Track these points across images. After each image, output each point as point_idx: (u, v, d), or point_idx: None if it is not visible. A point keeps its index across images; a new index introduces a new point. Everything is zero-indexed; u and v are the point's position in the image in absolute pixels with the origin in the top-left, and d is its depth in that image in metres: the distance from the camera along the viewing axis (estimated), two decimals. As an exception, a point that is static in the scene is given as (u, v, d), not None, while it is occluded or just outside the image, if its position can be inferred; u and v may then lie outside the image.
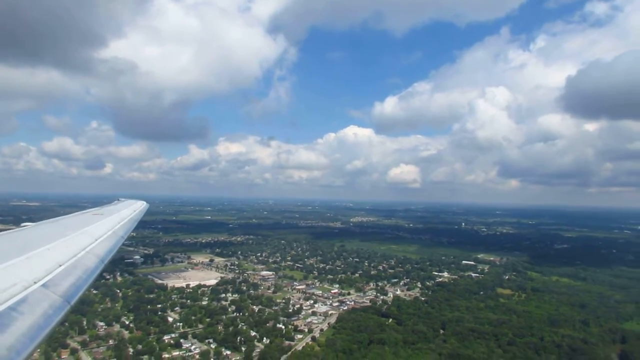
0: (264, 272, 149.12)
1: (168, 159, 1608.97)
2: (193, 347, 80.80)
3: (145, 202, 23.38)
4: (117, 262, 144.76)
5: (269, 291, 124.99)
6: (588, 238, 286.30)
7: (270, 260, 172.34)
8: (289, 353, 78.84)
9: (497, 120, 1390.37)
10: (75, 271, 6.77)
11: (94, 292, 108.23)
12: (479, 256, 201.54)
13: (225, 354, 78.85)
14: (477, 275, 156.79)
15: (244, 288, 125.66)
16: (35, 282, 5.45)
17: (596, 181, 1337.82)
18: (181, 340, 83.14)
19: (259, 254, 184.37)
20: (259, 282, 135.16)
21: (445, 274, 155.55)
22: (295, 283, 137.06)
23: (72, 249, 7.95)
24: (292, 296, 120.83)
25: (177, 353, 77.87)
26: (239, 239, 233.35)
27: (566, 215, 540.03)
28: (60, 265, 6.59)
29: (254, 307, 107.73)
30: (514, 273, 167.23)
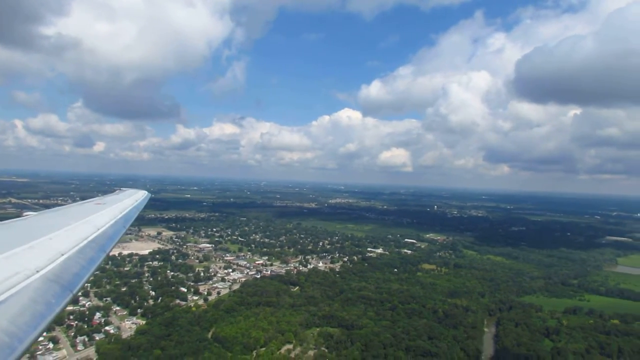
0: (202, 245, 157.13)
1: (153, 139, 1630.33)
2: (87, 303, 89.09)
3: (146, 192, 23.34)
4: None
5: (197, 261, 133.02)
6: (552, 222, 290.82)
7: (217, 235, 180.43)
8: (172, 309, 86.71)
9: (472, 105, 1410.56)
10: (77, 260, 6.78)
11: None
12: (427, 235, 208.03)
13: (114, 309, 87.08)
14: (410, 251, 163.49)
15: (173, 258, 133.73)
16: (37, 271, 5.49)
17: (583, 168, 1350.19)
18: (80, 297, 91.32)
19: (211, 229, 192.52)
20: (192, 253, 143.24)
21: (379, 250, 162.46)
22: (227, 254, 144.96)
23: (74, 238, 7.95)
24: (215, 265, 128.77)
25: (70, 308, 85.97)
26: (202, 215, 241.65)
27: (550, 201, 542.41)
28: (63, 255, 6.61)
29: (170, 272, 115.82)
30: (450, 251, 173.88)
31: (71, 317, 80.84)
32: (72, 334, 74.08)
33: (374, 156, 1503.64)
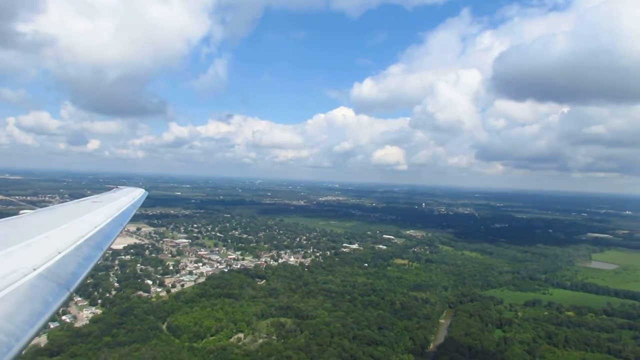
0: (179, 240, 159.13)
1: (148, 137, 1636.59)
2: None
3: (144, 190, 23.07)
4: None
5: (169, 255, 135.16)
6: (536, 219, 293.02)
7: (196, 231, 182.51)
8: (131, 300, 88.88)
9: (460, 103, 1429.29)
10: (74, 259, 6.81)
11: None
12: (407, 232, 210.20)
13: (75, 300, 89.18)
14: (385, 247, 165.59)
15: (147, 252, 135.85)
16: (34, 269, 5.48)
17: (576, 166, 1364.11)
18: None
19: (191, 226, 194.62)
20: (166, 248, 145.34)
21: (354, 246, 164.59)
22: (202, 249, 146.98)
23: (71, 236, 7.98)
24: (187, 259, 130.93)
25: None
26: (187, 212, 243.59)
27: (542, 199, 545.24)
28: (60, 253, 6.62)
29: (140, 266, 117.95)
30: (426, 246, 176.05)
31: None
32: (28, 322, 76.08)
33: (369, 154, 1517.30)
